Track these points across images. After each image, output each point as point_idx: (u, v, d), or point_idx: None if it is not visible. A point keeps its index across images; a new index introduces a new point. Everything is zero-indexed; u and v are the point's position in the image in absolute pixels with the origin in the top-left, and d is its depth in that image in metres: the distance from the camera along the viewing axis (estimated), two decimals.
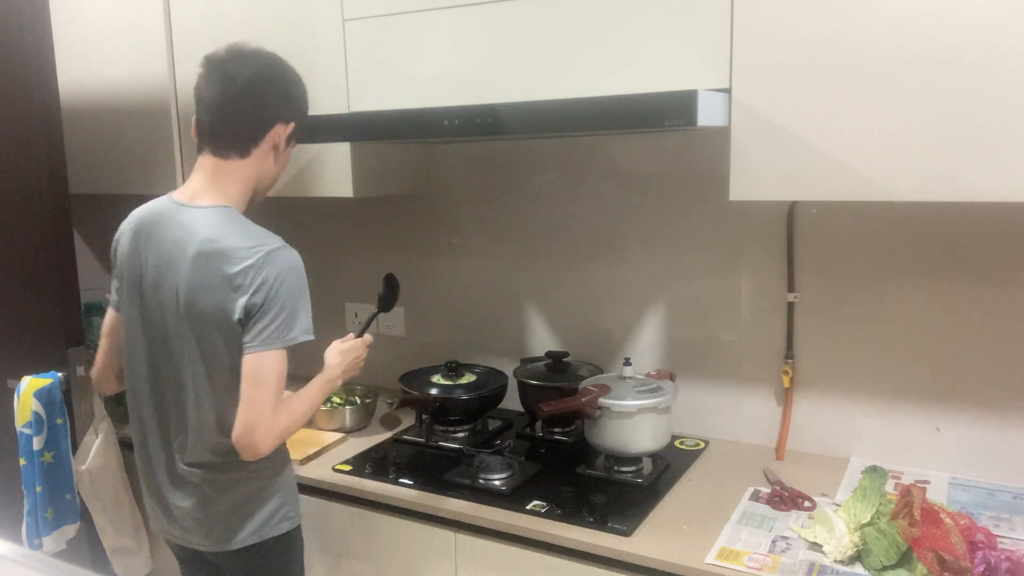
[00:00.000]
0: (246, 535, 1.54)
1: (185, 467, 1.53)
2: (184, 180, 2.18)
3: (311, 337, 1.46)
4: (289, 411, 1.46)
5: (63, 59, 2.35)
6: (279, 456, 1.57)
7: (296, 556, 1.65)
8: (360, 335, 1.75)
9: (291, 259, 1.44)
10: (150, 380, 1.53)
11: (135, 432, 1.60)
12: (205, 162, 1.51)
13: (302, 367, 1.96)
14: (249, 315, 1.39)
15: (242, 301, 1.38)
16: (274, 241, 1.45)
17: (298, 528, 1.63)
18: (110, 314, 1.63)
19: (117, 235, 1.57)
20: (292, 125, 1.54)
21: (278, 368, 1.41)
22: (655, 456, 1.80)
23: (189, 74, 2.15)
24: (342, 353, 1.67)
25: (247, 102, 1.47)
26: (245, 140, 1.49)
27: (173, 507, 1.56)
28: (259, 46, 1.52)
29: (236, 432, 1.40)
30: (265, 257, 1.40)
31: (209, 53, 1.50)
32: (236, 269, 1.39)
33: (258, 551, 1.56)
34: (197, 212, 1.46)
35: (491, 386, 2.04)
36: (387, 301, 1.90)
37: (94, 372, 1.69)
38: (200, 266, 1.41)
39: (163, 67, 2.17)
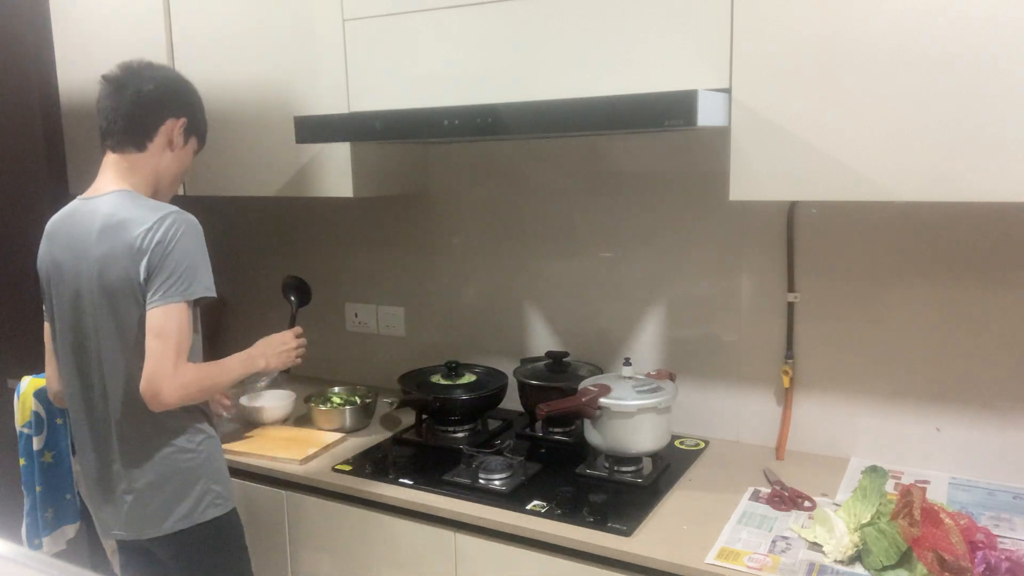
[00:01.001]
0: (174, 521, 1.58)
1: (116, 450, 1.58)
2: (185, 180, 2.19)
3: (213, 294, 1.54)
4: (197, 368, 1.54)
5: (63, 59, 2.35)
6: (204, 439, 1.62)
7: (232, 543, 1.68)
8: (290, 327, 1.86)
9: (187, 219, 1.53)
10: (78, 372, 1.59)
11: (74, 428, 1.66)
12: (108, 160, 1.61)
13: (304, 367, 1.96)
14: (150, 274, 1.48)
15: (143, 262, 1.48)
16: (172, 208, 1.54)
17: (231, 513, 1.66)
18: (47, 324, 1.68)
19: (41, 245, 1.64)
20: (184, 120, 1.64)
21: (178, 321, 1.48)
22: (655, 456, 1.80)
23: (189, 74, 2.15)
24: (267, 339, 1.77)
25: (139, 101, 1.59)
26: (140, 134, 1.59)
27: (110, 497, 1.61)
28: (150, 61, 1.65)
29: (142, 384, 1.47)
30: (160, 220, 1.49)
31: (105, 72, 1.61)
32: (135, 233, 1.48)
33: (189, 537, 1.60)
34: (99, 199, 1.56)
35: (491, 386, 2.04)
36: (301, 299, 2.03)
37: (47, 384, 1.75)
38: (105, 240, 1.51)
39: None
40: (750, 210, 1.87)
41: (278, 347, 1.76)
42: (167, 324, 1.47)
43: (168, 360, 1.46)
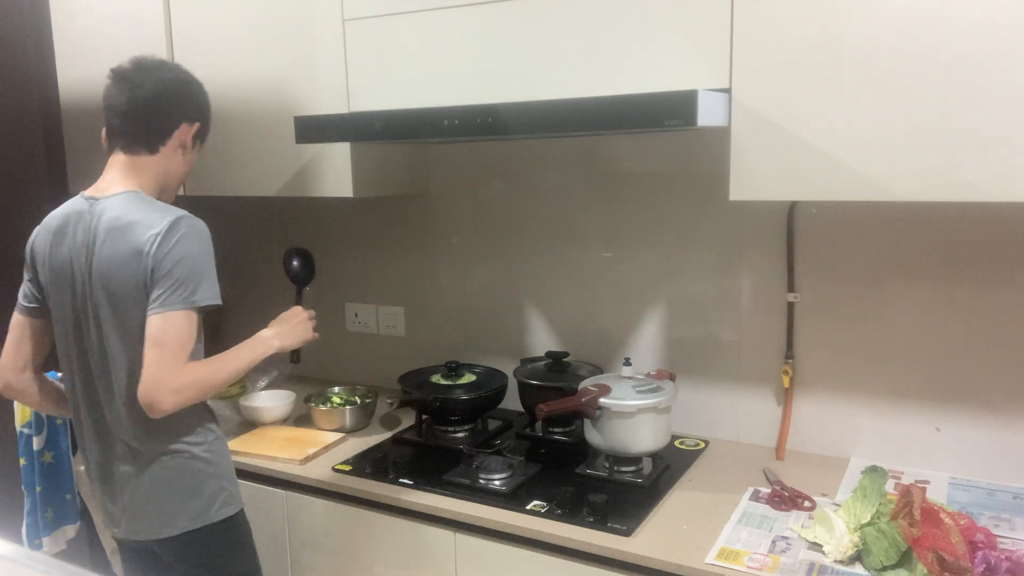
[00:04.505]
0: (186, 521, 1.56)
1: (121, 451, 1.56)
2: (185, 180, 2.19)
3: (218, 303, 1.50)
4: (194, 370, 1.48)
5: (63, 59, 2.35)
6: (215, 439, 1.61)
7: (243, 543, 1.67)
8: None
9: (196, 226, 1.50)
10: (81, 373, 1.58)
11: (76, 429, 1.66)
12: (116, 159, 1.58)
13: (304, 367, 1.96)
14: (154, 279, 1.44)
15: (148, 266, 1.44)
16: (182, 212, 1.51)
17: (241, 513, 1.65)
18: (20, 314, 1.63)
19: (32, 238, 1.61)
20: (197, 125, 1.64)
21: (176, 329, 1.44)
22: (655, 456, 1.80)
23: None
24: (277, 319, 1.72)
25: (155, 104, 1.56)
26: (154, 138, 1.57)
27: (114, 498, 1.60)
28: (163, 58, 1.64)
29: (139, 393, 1.44)
30: (171, 224, 1.46)
31: (115, 66, 1.58)
32: (143, 237, 1.45)
33: (199, 538, 1.58)
34: (107, 200, 1.53)
35: (491, 386, 2.04)
36: (304, 275, 1.93)
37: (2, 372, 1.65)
38: (112, 241, 1.48)
39: None
40: (750, 210, 1.87)
41: (292, 322, 1.70)
42: (165, 332, 1.43)
43: (165, 368, 1.42)
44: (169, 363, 1.43)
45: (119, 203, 1.51)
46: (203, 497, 1.57)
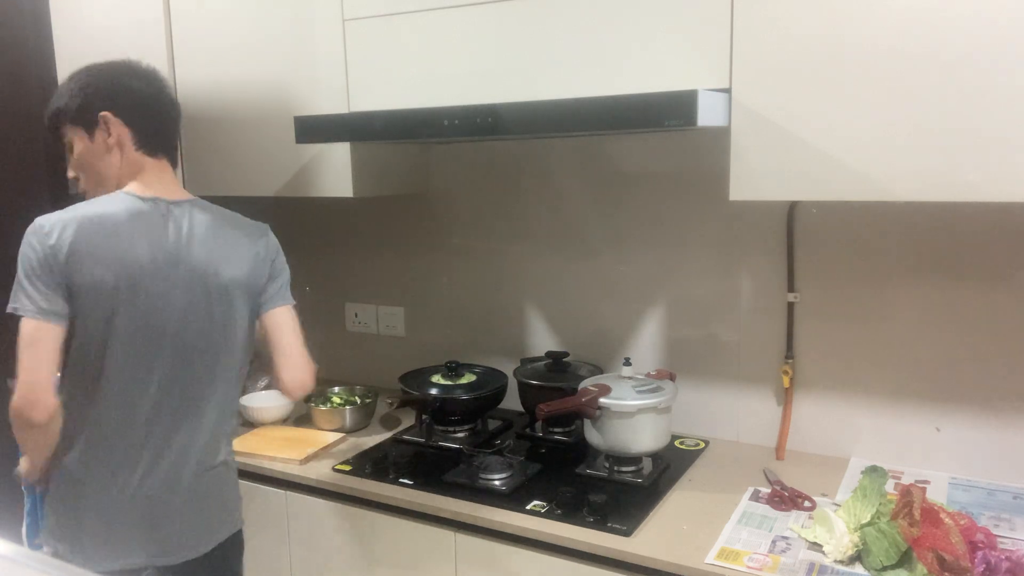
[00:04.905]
0: (226, 529, 1.57)
1: (191, 469, 1.50)
2: (184, 181, 2.19)
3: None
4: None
5: (63, 59, 2.35)
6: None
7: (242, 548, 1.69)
8: None
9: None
10: (158, 388, 1.44)
11: (110, 456, 1.44)
12: (151, 164, 1.53)
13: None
14: (272, 275, 1.57)
15: (266, 268, 1.56)
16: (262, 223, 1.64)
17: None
18: (52, 323, 1.36)
19: (67, 238, 1.36)
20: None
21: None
22: (655, 456, 1.80)
23: (189, 74, 2.16)
24: None
25: (176, 110, 1.60)
26: (175, 145, 1.60)
27: (162, 523, 1.48)
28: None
29: (295, 378, 1.56)
30: (263, 229, 1.61)
31: (126, 60, 1.56)
32: (257, 239, 1.57)
33: (232, 543, 1.59)
34: (184, 205, 1.52)
35: (491, 386, 2.04)
36: None
37: (41, 394, 1.37)
38: (223, 242, 1.51)
39: (163, 67, 2.16)
40: (750, 210, 1.87)
41: None
42: (296, 321, 1.58)
43: (306, 352, 1.58)
44: (305, 348, 1.58)
45: (200, 207, 1.53)
46: (235, 502, 1.61)
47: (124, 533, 1.46)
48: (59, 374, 1.42)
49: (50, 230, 1.37)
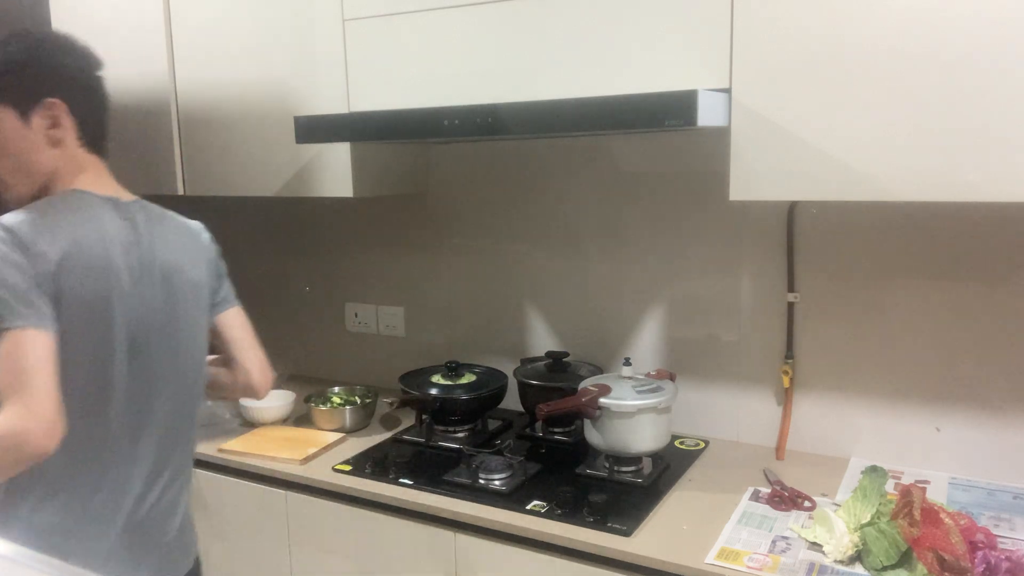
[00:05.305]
0: (194, 539, 1.50)
1: (168, 476, 1.39)
2: (184, 181, 2.20)
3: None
4: None
5: None
6: None
7: None
8: None
9: None
10: (129, 391, 1.31)
11: (95, 473, 1.29)
12: (93, 161, 1.36)
13: (307, 367, 1.96)
14: (219, 277, 1.51)
15: (215, 267, 1.50)
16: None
17: None
18: (53, 336, 1.19)
19: (53, 255, 1.20)
20: None
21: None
22: (655, 456, 1.80)
23: (189, 74, 2.16)
24: None
25: (108, 98, 1.41)
26: (107, 134, 1.41)
27: (149, 541, 1.37)
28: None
29: (262, 375, 1.51)
30: (203, 228, 1.52)
31: (55, 34, 1.42)
32: (204, 239, 1.49)
33: (195, 552, 1.51)
34: (135, 203, 1.38)
35: (491, 386, 2.04)
36: None
37: (47, 422, 1.16)
38: (179, 245, 1.41)
39: (163, 67, 2.17)
40: (750, 210, 1.87)
41: None
42: (248, 322, 1.54)
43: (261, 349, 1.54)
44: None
45: (151, 207, 1.40)
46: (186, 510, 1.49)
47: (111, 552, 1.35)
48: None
49: (34, 237, 1.19)
